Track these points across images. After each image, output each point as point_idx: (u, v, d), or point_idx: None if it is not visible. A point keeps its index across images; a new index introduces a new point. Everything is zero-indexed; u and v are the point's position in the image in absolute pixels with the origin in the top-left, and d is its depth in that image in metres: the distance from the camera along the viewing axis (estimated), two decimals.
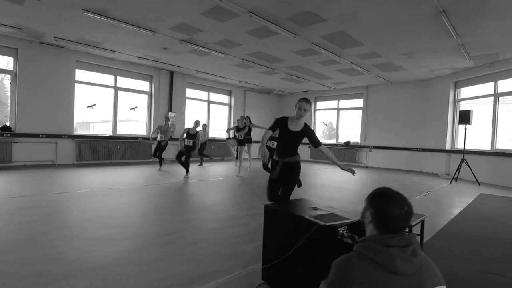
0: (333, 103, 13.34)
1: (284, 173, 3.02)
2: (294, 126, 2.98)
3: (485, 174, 7.92)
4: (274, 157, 3.11)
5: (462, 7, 4.89)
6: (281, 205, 2.29)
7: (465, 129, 8.04)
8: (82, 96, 9.01)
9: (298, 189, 5.04)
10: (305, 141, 2.98)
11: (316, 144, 2.99)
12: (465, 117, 7.94)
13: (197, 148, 7.57)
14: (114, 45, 7.94)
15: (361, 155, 11.98)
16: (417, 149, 10.50)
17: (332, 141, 13.28)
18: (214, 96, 12.69)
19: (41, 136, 8.04)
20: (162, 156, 8.43)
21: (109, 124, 9.79)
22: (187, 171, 7.14)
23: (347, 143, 12.37)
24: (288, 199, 2.84)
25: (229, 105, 13.23)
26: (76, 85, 8.76)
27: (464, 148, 8.10)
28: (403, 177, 8.87)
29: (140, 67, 9.95)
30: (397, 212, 1.07)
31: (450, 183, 7.92)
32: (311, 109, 13.64)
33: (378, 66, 8.85)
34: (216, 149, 12.02)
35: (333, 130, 13.55)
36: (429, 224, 3.45)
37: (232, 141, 7.91)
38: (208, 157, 10.72)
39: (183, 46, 7.62)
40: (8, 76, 7.81)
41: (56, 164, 8.27)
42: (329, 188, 6.54)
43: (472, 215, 4.52)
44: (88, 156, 8.83)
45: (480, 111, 8.54)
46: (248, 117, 8.26)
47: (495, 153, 7.91)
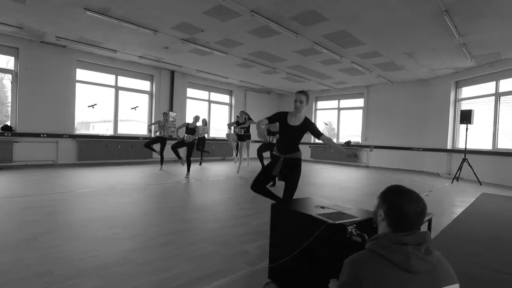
0: (334, 103, 13.31)
1: (286, 172, 3.00)
2: (294, 121, 2.97)
3: (487, 174, 7.91)
4: (275, 152, 3.09)
5: (465, 7, 4.88)
6: (288, 204, 2.27)
7: (467, 129, 8.03)
8: (83, 96, 9.00)
9: (300, 189, 5.01)
10: (305, 141, 2.96)
11: (318, 135, 3.02)
12: (467, 117, 7.93)
13: (195, 143, 7.58)
14: (115, 45, 7.93)
15: (362, 155, 11.95)
16: (418, 149, 10.49)
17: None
18: (215, 96, 12.67)
19: (42, 136, 8.02)
20: (160, 155, 8.36)
21: (110, 124, 9.77)
22: (188, 171, 7.13)
23: (348, 143, 12.24)
24: (292, 199, 2.83)
25: (230, 105, 13.22)
26: (77, 85, 8.74)
27: (466, 148, 8.09)
28: (404, 177, 8.85)
29: (141, 67, 9.93)
30: (411, 209, 1.05)
31: (452, 183, 7.90)
32: (312, 108, 13.63)
33: (379, 66, 8.84)
34: (217, 149, 12.01)
35: (333, 130, 13.52)
36: (433, 224, 3.42)
37: (233, 136, 7.92)
38: (206, 152, 10.63)
39: (184, 46, 7.61)
40: (9, 76, 7.79)
41: (57, 164, 8.25)
42: (330, 187, 6.52)
43: (476, 215, 4.50)
44: (89, 156, 8.81)
45: (481, 111, 8.53)
46: (247, 114, 8.24)
47: (496, 153, 7.91)
